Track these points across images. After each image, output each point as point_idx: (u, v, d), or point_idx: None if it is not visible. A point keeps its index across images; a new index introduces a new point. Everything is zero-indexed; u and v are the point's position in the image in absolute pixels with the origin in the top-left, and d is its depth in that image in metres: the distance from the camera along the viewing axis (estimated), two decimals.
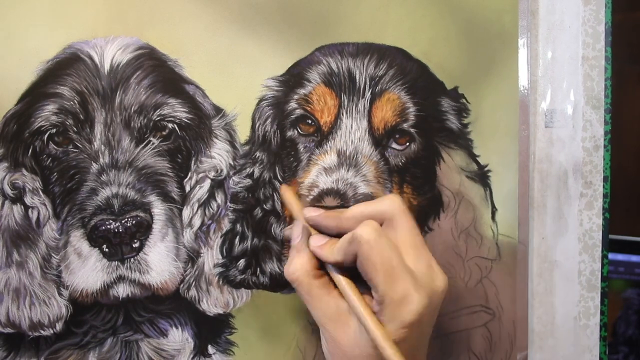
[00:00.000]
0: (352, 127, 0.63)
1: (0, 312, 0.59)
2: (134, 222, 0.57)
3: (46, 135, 0.59)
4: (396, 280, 0.49)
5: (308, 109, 0.63)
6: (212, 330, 0.64)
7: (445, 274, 0.53)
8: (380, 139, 0.63)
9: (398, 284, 0.49)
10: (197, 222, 0.62)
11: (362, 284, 0.52)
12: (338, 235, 0.54)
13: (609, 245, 0.69)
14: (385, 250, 0.50)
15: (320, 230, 0.55)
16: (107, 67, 0.59)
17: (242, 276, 0.63)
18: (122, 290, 0.58)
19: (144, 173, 0.59)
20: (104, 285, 0.58)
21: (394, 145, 0.64)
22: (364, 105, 0.63)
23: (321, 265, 0.54)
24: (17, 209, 0.60)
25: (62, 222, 0.59)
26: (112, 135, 0.59)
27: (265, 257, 0.64)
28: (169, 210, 0.60)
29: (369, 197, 0.61)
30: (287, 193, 0.61)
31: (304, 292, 0.53)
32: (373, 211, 0.53)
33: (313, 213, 0.56)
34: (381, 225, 0.52)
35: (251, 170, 0.64)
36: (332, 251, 0.53)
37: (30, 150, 0.59)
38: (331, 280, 0.54)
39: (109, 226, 0.56)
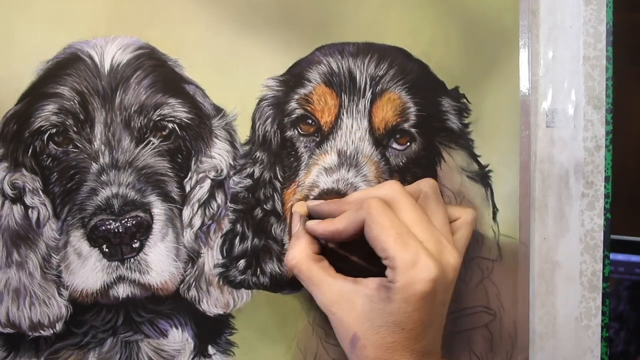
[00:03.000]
0: (352, 127, 0.63)
1: (0, 312, 0.60)
2: (134, 222, 0.57)
3: (46, 135, 0.59)
4: (407, 243, 0.49)
5: (308, 108, 0.63)
6: (212, 330, 0.64)
7: (458, 251, 0.52)
8: (380, 139, 0.63)
9: (409, 246, 0.49)
10: (197, 222, 0.62)
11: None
12: None
13: (609, 246, 0.69)
14: (393, 218, 0.50)
15: (322, 218, 0.56)
16: (107, 67, 0.59)
17: (243, 276, 0.63)
18: (122, 291, 0.58)
19: (144, 173, 0.59)
20: (104, 286, 0.58)
21: (395, 145, 0.64)
22: (365, 105, 0.63)
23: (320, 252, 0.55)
24: (17, 209, 0.60)
25: (62, 222, 0.59)
26: (112, 135, 0.59)
27: (266, 257, 0.64)
28: (169, 210, 0.60)
29: None
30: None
31: (306, 276, 0.53)
32: (374, 195, 0.53)
33: (314, 202, 0.57)
34: None
35: (251, 170, 0.64)
36: (330, 223, 0.53)
37: (30, 150, 0.59)
38: (330, 265, 0.54)
39: (109, 226, 0.56)
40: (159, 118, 0.60)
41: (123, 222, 0.57)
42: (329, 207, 0.56)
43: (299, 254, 0.54)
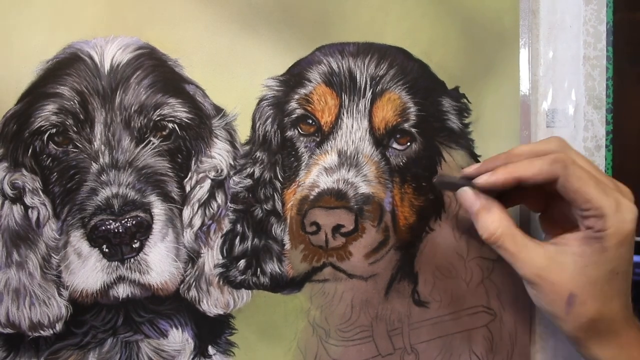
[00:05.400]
0: (352, 127, 0.63)
1: (0, 312, 0.59)
2: (134, 222, 0.57)
3: (46, 135, 0.59)
4: (607, 190, 0.50)
5: (309, 108, 0.63)
6: (212, 330, 0.64)
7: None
8: (381, 139, 0.63)
9: (609, 193, 0.50)
10: (197, 222, 0.62)
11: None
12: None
13: None
14: (587, 169, 0.51)
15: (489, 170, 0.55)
16: (107, 66, 0.59)
17: (243, 276, 0.63)
18: (122, 291, 0.58)
19: (144, 173, 0.59)
20: (104, 286, 0.58)
21: (395, 145, 0.64)
22: (365, 105, 0.63)
23: None
24: (17, 209, 0.60)
25: (62, 222, 0.59)
26: (112, 135, 0.59)
27: (266, 257, 0.63)
28: (169, 210, 0.60)
29: (369, 197, 0.61)
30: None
31: (510, 245, 0.53)
32: (542, 150, 0.53)
33: (474, 166, 0.57)
34: None
35: (251, 170, 0.64)
36: (514, 169, 0.52)
37: (30, 150, 0.59)
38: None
39: (109, 226, 0.56)
40: (159, 118, 0.60)
41: (123, 222, 0.56)
42: (495, 164, 0.55)
43: (500, 224, 0.53)
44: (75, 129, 0.59)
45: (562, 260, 0.52)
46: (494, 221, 0.53)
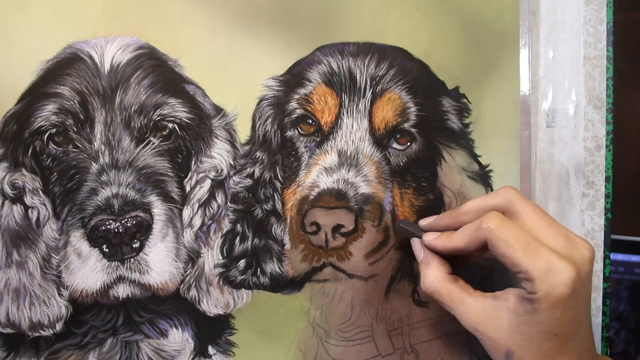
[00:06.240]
0: (352, 127, 0.63)
1: (0, 312, 0.59)
2: (134, 222, 0.57)
3: (46, 135, 0.59)
4: (536, 252, 0.49)
5: (309, 108, 0.63)
6: (212, 330, 0.64)
7: (588, 242, 0.52)
8: (381, 139, 0.63)
9: (540, 255, 0.48)
10: (197, 222, 0.62)
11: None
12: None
13: (610, 246, 0.68)
14: (516, 230, 0.50)
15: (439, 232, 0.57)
16: (107, 66, 0.59)
17: (243, 276, 0.63)
18: (122, 291, 0.58)
19: (144, 173, 0.59)
20: (104, 286, 0.58)
21: (395, 145, 0.64)
22: (365, 105, 0.63)
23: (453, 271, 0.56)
24: (17, 209, 0.60)
25: (62, 222, 0.59)
26: (112, 135, 0.59)
27: (266, 257, 0.64)
28: (169, 210, 0.60)
29: (369, 197, 0.61)
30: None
31: (447, 300, 0.54)
32: (490, 204, 0.53)
33: (427, 220, 0.58)
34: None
35: (251, 170, 0.64)
36: (449, 239, 0.54)
37: (30, 150, 0.59)
38: (466, 283, 0.55)
39: (109, 226, 0.56)
40: (159, 118, 0.60)
41: (123, 222, 0.56)
42: (444, 222, 0.57)
43: (435, 280, 0.54)
44: (75, 129, 0.59)
45: (498, 316, 0.51)
46: (429, 276, 0.55)
